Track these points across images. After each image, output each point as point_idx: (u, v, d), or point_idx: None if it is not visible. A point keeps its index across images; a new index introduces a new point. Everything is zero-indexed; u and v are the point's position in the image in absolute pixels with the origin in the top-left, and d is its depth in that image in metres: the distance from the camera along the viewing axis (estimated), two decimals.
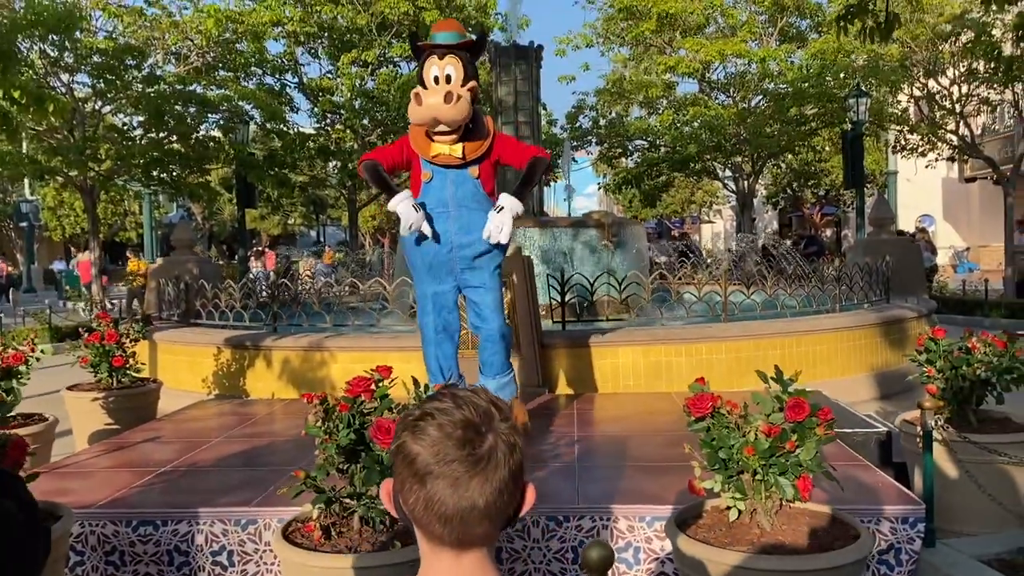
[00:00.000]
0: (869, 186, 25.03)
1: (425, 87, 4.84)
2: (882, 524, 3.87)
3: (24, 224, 33.22)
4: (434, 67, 4.85)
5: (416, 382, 3.38)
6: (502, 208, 4.92)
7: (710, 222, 41.80)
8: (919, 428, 4.64)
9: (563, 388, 7.19)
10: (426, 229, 4.93)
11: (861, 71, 16.40)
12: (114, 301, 17.55)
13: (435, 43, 4.96)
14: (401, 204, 4.88)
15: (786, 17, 19.07)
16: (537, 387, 6.98)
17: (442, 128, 4.86)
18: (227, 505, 4.12)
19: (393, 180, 5.31)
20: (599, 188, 26.73)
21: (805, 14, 19.29)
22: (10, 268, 32.29)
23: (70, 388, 6.57)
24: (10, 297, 24.50)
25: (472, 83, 4.88)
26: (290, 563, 3.11)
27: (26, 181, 32.85)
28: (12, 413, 5.33)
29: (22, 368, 5.10)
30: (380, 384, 3.28)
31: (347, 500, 3.15)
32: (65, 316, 16.90)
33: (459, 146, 4.95)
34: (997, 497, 4.04)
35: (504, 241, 5.04)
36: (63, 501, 4.17)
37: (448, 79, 4.83)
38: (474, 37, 5.12)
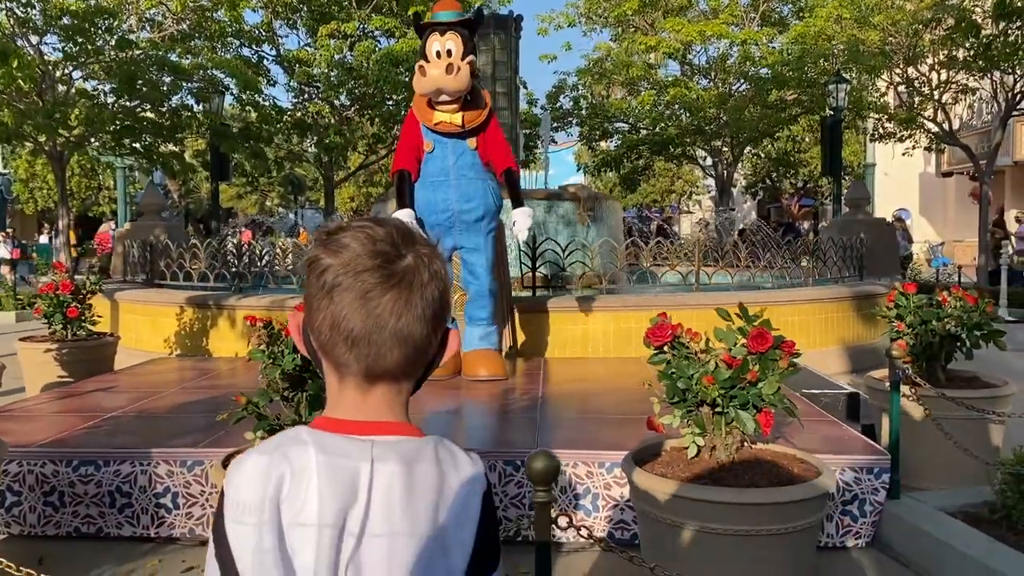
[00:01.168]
0: (847, 177, 25.09)
1: (428, 61, 5.33)
2: (846, 474, 3.79)
3: None
4: (436, 42, 5.34)
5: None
6: (521, 214, 5.83)
7: (689, 212, 41.83)
8: (886, 384, 4.57)
9: (533, 353, 7.07)
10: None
11: (841, 56, 16.35)
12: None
13: (436, 21, 5.49)
14: (402, 213, 5.45)
15: (767, 2, 19.00)
16: (507, 351, 6.86)
17: (444, 97, 5.38)
18: (174, 447, 3.96)
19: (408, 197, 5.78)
20: (579, 172, 26.60)
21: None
22: None
23: (23, 339, 6.37)
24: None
25: (471, 57, 5.40)
26: None
27: None
28: None
29: None
30: None
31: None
32: (32, 288, 16.57)
33: (459, 115, 5.45)
34: (968, 450, 3.97)
35: (524, 239, 6.06)
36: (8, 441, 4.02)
37: (449, 53, 5.31)
38: (471, 16, 5.64)
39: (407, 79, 16.71)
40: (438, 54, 5.34)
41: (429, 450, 1.09)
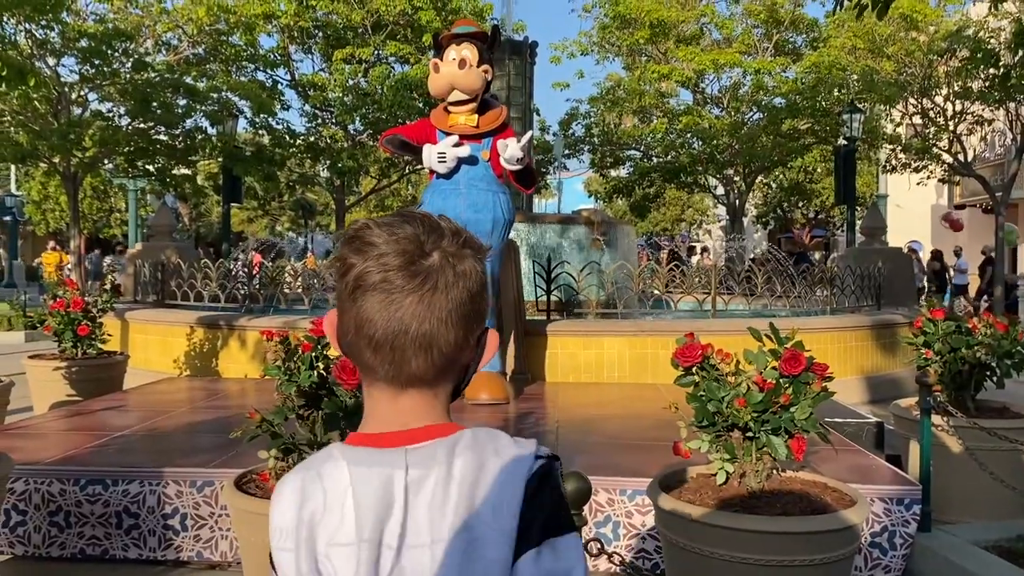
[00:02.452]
0: (859, 208, 25.04)
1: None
2: (876, 505, 3.66)
3: (8, 218, 32.76)
4: (452, 51, 5.39)
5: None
6: (512, 141, 5.39)
7: (699, 242, 41.79)
8: (915, 413, 4.45)
9: (546, 376, 6.97)
10: (462, 151, 5.31)
11: (856, 86, 16.33)
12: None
13: (454, 33, 5.55)
14: (433, 147, 5.35)
15: (781, 32, 19.03)
16: (519, 374, 6.76)
17: (458, 96, 5.34)
18: (183, 467, 3.87)
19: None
20: (590, 199, 26.56)
21: (800, 29, 19.26)
22: None
23: (32, 357, 6.30)
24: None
25: (485, 66, 5.40)
26: (240, 512, 2.87)
27: (12, 175, 32.51)
28: None
29: None
30: None
31: (306, 448, 2.91)
32: (42, 308, 16.54)
33: (475, 117, 5.38)
34: (1006, 482, 3.84)
35: (517, 154, 5.34)
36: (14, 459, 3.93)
37: (464, 60, 5.35)
38: (488, 31, 5.72)
39: (421, 105, 16.77)
40: (453, 60, 5.37)
41: (466, 440, 1.02)
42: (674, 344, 7.14)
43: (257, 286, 8.42)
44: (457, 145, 5.31)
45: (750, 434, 2.84)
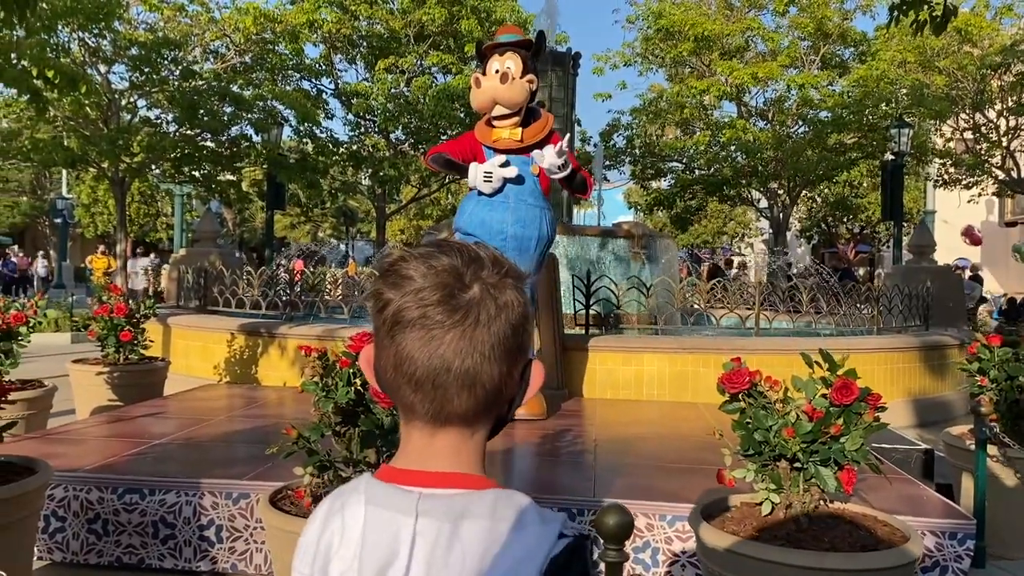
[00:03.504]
0: (906, 224, 24.55)
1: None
2: (927, 539, 3.52)
3: (58, 221, 33.51)
4: (495, 63, 5.22)
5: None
6: (549, 149, 5.04)
7: (741, 255, 41.32)
8: (968, 443, 4.30)
9: (584, 392, 6.88)
10: (509, 172, 5.11)
11: (904, 100, 16.02)
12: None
13: (497, 42, 5.38)
14: (480, 166, 5.15)
15: (829, 44, 18.74)
16: (556, 389, 6.69)
17: (501, 111, 5.17)
18: (220, 478, 3.86)
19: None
20: (630, 211, 26.40)
21: (848, 42, 18.95)
22: (30, 262, 32.56)
23: (75, 361, 6.38)
24: (26, 291, 24.62)
25: (530, 76, 5.22)
26: (274, 529, 2.84)
27: (63, 179, 33.26)
28: (10, 378, 5.13)
29: (22, 329, 4.90)
30: None
31: (342, 466, 2.88)
32: (88, 311, 16.85)
33: (519, 130, 5.18)
34: None
35: (556, 161, 5.00)
36: (50, 464, 3.95)
37: (508, 71, 5.14)
38: (533, 39, 5.49)
39: (462, 115, 16.82)
40: (496, 71, 5.19)
41: (486, 504, 0.95)
42: (716, 362, 7.02)
43: (299, 292, 8.47)
44: (504, 165, 5.11)
45: (798, 465, 2.74)
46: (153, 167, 16.14)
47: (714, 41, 18.15)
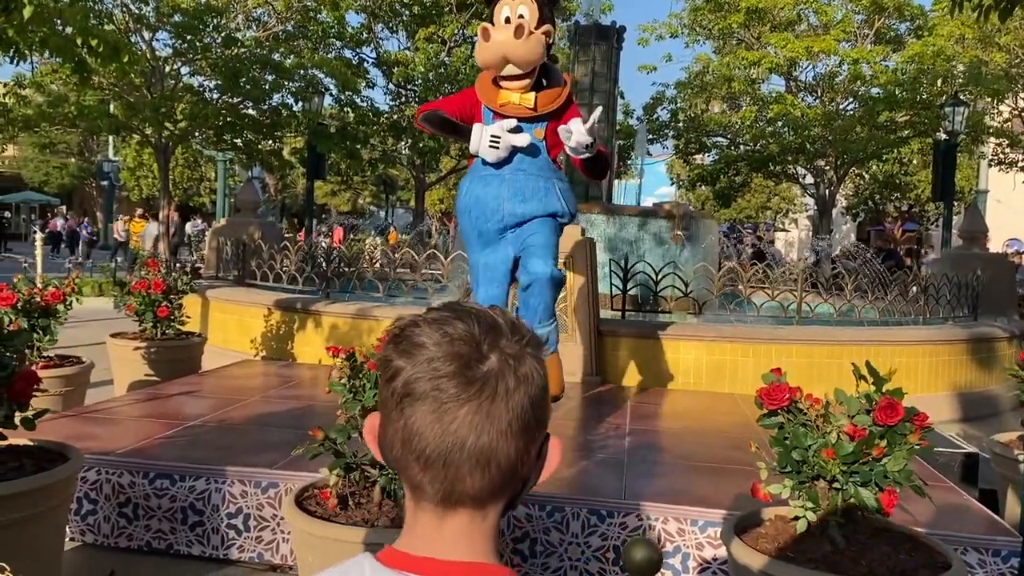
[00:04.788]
0: (956, 203, 23.88)
1: (493, 26, 4.22)
2: (969, 555, 3.40)
3: (105, 183, 34.05)
4: (506, 7, 4.22)
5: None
6: (576, 123, 4.13)
7: (784, 230, 40.63)
8: (1016, 452, 4.14)
9: (618, 380, 6.80)
10: (520, 140, 4.23)
11: (961, 77, 15.46)
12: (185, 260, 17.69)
13: None
14: (486, 128, 4.19)
15: (885, 19, 18.13)
16: (591, 376, 6.62)
17: (512, 71, 4.20)
18: (250, 465, 3.86)
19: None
20: (672, 185, 26.04)
21: (905, 16, 18.31)
22: (75, 222, 33.18)
23: (113, 335, 6.45)
24: (75, 251, 25.09)
25: (547, 27, 4.22)
26: (299, 531, 2.81)
27: (110, 142, 33.74)
28: (49, 354, 5.20)
29: (59, 307, 4.94)
30: None
31: (368, 468, 2.84)
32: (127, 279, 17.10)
33: (531, 95, 4.24)
34: None
35: (585, 140, 4.12)
36: (83, 446, 3.97)
37: (520, 18, 4.16)
38: None
39: None
40: (507, 20, 4.21)
41: None
42: (755, 352, 6.86)
43: (335, 266, 8.45)
44: (515, 130, 4.24)
45: (837, 486, 2.63)
46: (195, 134, 16.25)
47: (765, 13, 17.67)
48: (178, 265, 10.24)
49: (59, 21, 9.01)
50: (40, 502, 3.02)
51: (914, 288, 8.49)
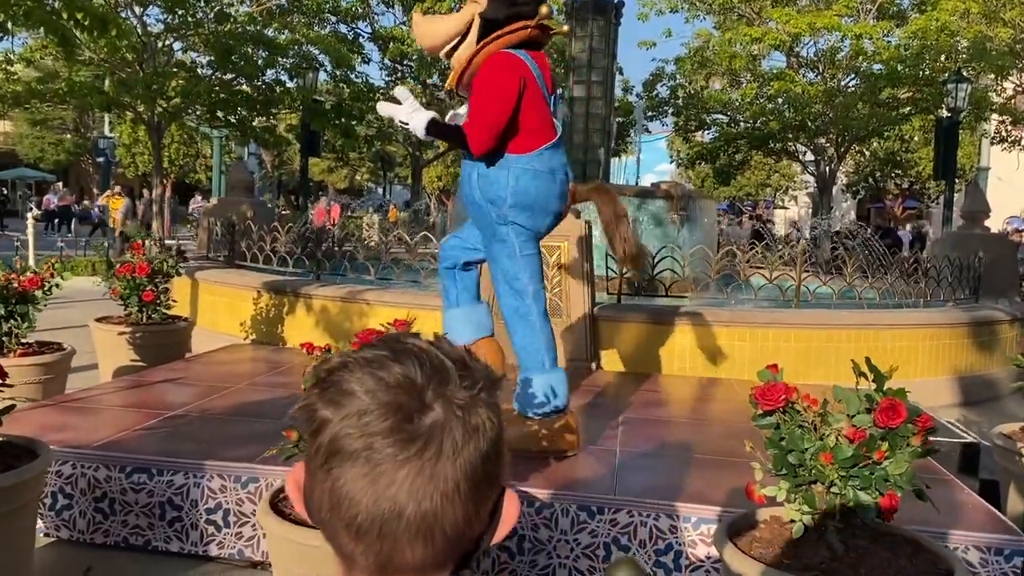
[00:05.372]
0: (958, 181, 23.67)
1: None
2: (970, 553, 3.30)
3: (101, 160, 33.76)
4: None
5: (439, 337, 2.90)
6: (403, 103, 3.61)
7: (784, 208, 40.41)
8: (1020, 445, 4.03)
9: (613, 365, 6.69)
10: (383, 108, 3.69)
11: (965, 53, 15.21)
12: (182, 241, 17.52)
13: None
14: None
15: None
16: (585, 361, 6.50)
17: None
18: (230, 459, 3.74)
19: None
20: (671, 163, 25.81)
21: None
22: (72, 199, 32.97)
23: (98, 320, 6.32)
24: (71, 228, 24.91)
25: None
26: (273, 536, 2.70)
27: (106, 118, 33.42)
28: (29, 340, 5.07)
29: (38, 294, 4.80)
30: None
31: None
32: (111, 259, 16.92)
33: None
34: None
35: (392, 114, 3.65)
36: (59, 437, 3.88)
37: None
38: None
39: None
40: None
41: None
42: (752, 336, 6.73)
43: (330, 246, 8.30)
44: (391, 99, 3.70)
45: (835, 490, 2.51)
46: (188, 111, 16.04)
47: None
48: (163, 241, 10.07)
49: None
50: (6, 502, 2.90)
51: (915, 272, 8.36)
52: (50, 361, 5.02)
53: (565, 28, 4.57)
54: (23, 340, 4.93)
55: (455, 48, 3.71)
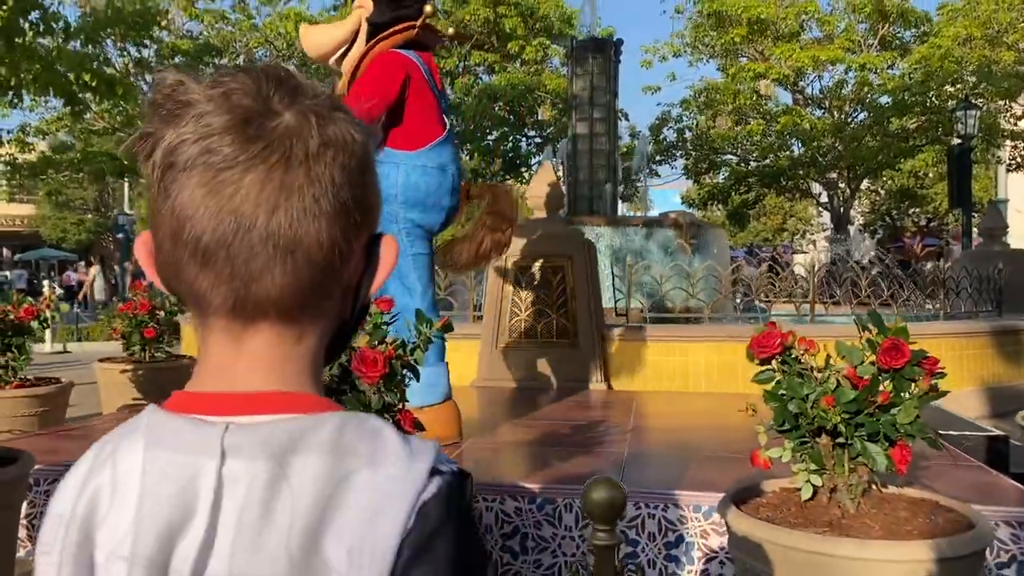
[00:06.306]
0: (975, 215, 23.47)
1: None
2: (1001, 530, 3.09)
3: (120, 236, 34.31)
4: None
5: (419, 315, 2.82)
6: None
7: (803, 252, 40.18)
8: None
9: (625, 385, 6.52)
10: None
11: (972, 76, 15.18)
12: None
13: None
14: None
15: (888, 26, 17.94)
16: (596, 383, 6.35)
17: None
18: None
19: None
20: (682, 202, 25.81)
21: (910, 23, 18.13)
22: (84, 276, 33.44)
23: (102, 360, 6.27)
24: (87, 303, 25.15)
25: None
26: None
27: (125, 196, 34.09)
28: (26, 376, 5.02)
29: (34, 324, 4.76)
30: (374, 314, 2.73)
31: None
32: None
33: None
34: None
35: None
36: (49, 459, 3.79)
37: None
38: None
39: (504, 114, 16.60)
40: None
41: (325, 433, 0.64)
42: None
43: None
44: None
45: (841, 440, 2.35)
46: None
47: (767, 25, 17.56)
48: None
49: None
50: None
51: (934, 283, 8.19)
52: (45, 393, 4.95)
53: (451, 31, 4.67)
54: (20, 375, 4.88)
55: (344, 55, 3.77)
